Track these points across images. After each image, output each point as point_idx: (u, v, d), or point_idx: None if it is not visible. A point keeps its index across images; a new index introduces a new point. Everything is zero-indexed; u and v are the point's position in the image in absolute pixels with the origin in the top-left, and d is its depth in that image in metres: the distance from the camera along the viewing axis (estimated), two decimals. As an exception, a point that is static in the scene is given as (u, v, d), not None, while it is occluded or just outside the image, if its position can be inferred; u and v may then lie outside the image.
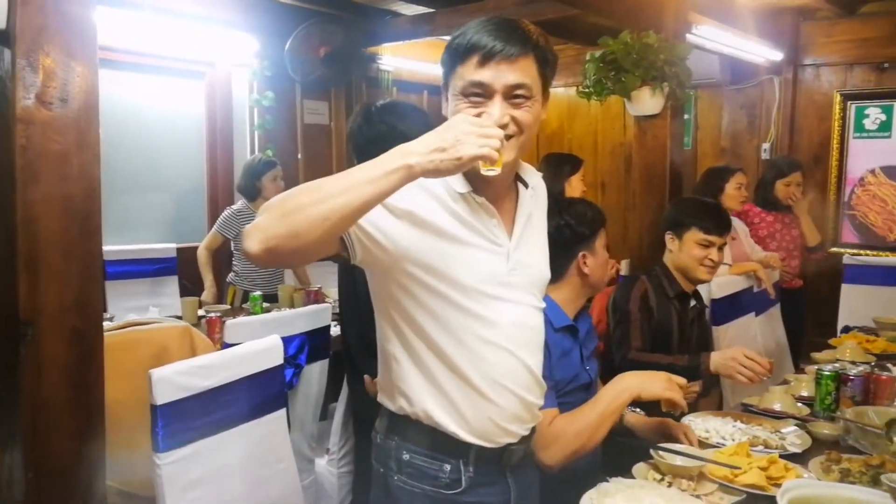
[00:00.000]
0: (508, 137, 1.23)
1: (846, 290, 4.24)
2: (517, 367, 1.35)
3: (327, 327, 2.53)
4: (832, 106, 4.78)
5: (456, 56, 1.25)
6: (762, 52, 4.55)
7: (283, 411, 1.92)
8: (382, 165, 1.08)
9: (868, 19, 4.62)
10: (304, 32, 4.59)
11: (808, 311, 4.14)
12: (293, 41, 4.57)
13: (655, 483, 1.58)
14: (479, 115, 1.22)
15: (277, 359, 1.89)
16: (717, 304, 3.09)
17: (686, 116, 5.24)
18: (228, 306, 3.75)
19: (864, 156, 4.70)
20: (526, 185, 1.41)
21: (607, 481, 1.55)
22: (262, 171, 3.89)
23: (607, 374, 1.94)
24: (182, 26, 3.87)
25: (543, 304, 1.45)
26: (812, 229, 4.04)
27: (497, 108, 1.22)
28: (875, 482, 1.55)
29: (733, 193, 3.73)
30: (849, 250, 4.62)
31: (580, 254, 1.97)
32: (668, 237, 2.48)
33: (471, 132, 1.09)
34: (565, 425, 1.67)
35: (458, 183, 1.29)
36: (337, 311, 2.49)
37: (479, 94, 1.23)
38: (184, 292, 3.95)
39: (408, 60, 5.27)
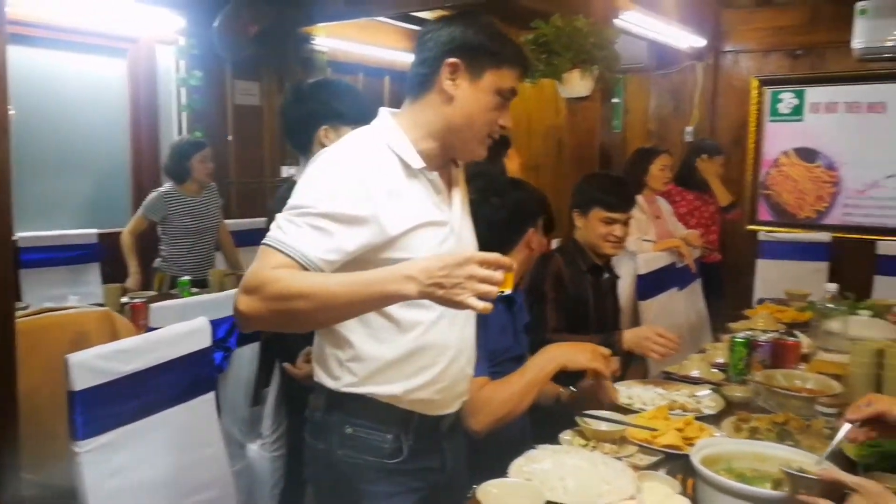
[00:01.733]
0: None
1: (761, 264, 4.49)
2: (464, 341, 1.40)
3: (259, 308, 2.51)
4: (750, 91, 4.99)
5: (512, 58, 1.35)
6: (686, 39, 4.70)
7: (211, 395, 1.89)
8: (373, 288, 1.15)
9: (783, 8, 4.83)
10: (233, 9, 4.47)
11: (727, 285, 4.33)
12: (222, 18, 4.45)
13: (580, 448, 1.65)
14: (497, 116, 1.36)
15: (205, 341, 1.87)
16: (643, 280, 3.22)
17: (616, 100, 5.39)
18: (155, 293, 3.66)
19: (778, 138, 4.93)
20: (456, 164, 1.46)
21: (535, 448, 1.62)
22: (190, 152, 3.80)
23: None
24: (101, 0, 3.72)
25: None
26: (722, 191, 4.24)
27: (509, 115, 1.38)
28: (780, 438, 1.66)
29: (657, 174, 3.87)
30: (764, 227, 4.86)
31: (530, 230, 2.02)
32: (575, 214, 2.54)
33: (473, 277, 1.11)
34: (493, 393, 1.72)
35: (414, 159, 1.34)
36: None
37: (508, 98, 1.36)
38: (106, 280, 3.82)
39: (343, 41, 5.21)
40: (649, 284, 3.26)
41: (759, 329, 2.74)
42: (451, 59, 1.31)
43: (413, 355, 1.36)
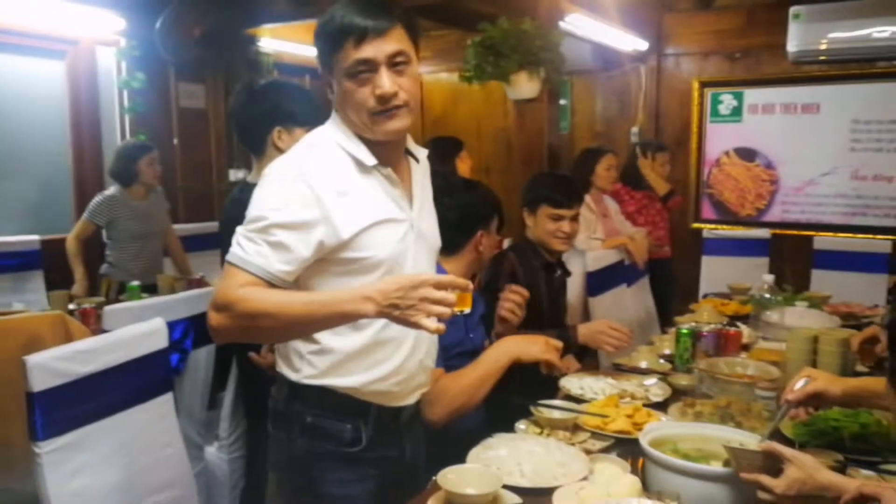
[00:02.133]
0: (399, 107, 1.32)
1: (706, 261, 4.64)
2: (422, 335, 1.43)
3: (213, 310, 2.49)
4: (691, 93, 5.16)
5: (331, 41, 1.31)
6: (629, 42, 4.84)
7: (169, 395, 1.89)
8: (333, 308, 1.23)
9: (722, 13, 5.01)
10: (176, 11, 4.41)
11: (675, 281, 4.47)
12: (164, 19, 4.38)
13: (535, 435, 1.70)
14: (370, 90, 1.30)
15: (161, 342, 1.86)
16: (592, 277, 3.29)
17: (563, 102, 5.50)
18: (103, 299, 3.58)
19: (719, 138, 5.11)
20: (416, 160, 1.49)
21: (492, 437, 1.66)
22: (137, 154, 3.73)
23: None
24: (38, 1, 3.63)
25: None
26: (658, 181, 4.37)
27: (385, 79, 1.30)
28: (723, 420, 1.74)
29: (603, 174, 3.96)
30: (707, 225, 5.04)
31: (479, 233, 2.06)
32: (525, 213, 2.60)
33: (426, 299, 1.17)
34: (449, 384, 1.76)
35: (366, 156, 1.36)
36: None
37: (365, 70, 1.30)
38: (51, 287, 3.72)
39: (289, 43, 5.19)
40: (598, 281, 3.34)
41: (703, 321, 2.84)
42: (320, 68, 1.37)
43: (372, 349, 1.39)
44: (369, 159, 1.37)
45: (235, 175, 4.99)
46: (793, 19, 4.56)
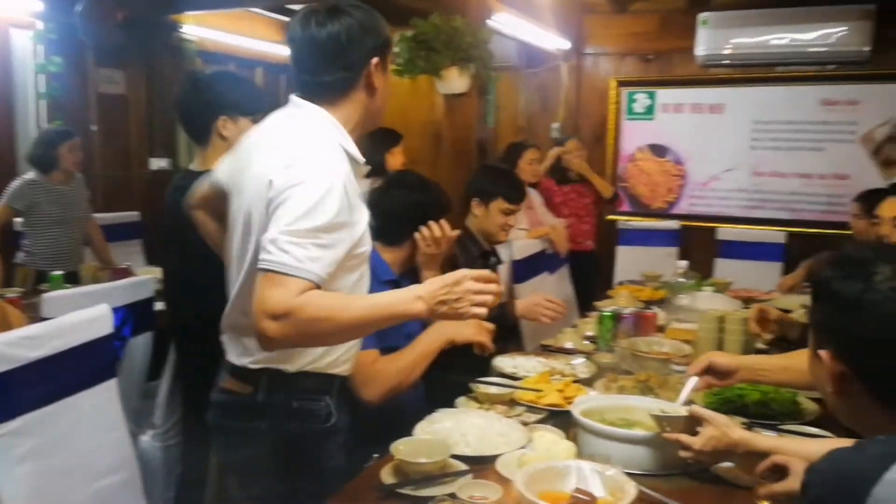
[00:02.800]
0: None
1: (620, 250, 4.92)
2: None
3: (150, 299, 2.50)
4: (609, 91, 5.42)
5: (387, 40, 1.48)
6: (552, 41, 5.04)
7: (114, 381, 1.90)
8: (391, 310, 1.31)
9: (637, 16, 5.29)
10: (98, -6, 4.28)
11: (598, 271, 4.71)
12: (86, 3, 4.25)
13: (476, 409, 1.83)
14: None
15: (107, 328, 1.87)
16: (518, 265, 3.46)
17: (488, 97, 5.66)
18: (20, 290, 3.46)
19: (634, 135, 5.40)
20: None
21: (436, 412, 1.77)
22: (57, 140, 3.63)
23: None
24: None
25: None
26: (603, 184, 4.62)
27: None
28: (643, 392, 1.92)
29: (525, 167, 4.15)
30: (622, 217, 5.32)
31: (423, 229, 2.11)
32: (475, 202, 2.74)
33: (469, 291, 1.29)
34: (385, 365, 1.85)
35: (358, 154, 1.46)
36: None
37: None
38: (-40, 279, 3.56)
39: (214, 31, 5.12)
40: (523, 269, 3.51)
41: (620, 306, 3.05)
42: (376, 60, 1.44)
43: None
44: (361, 158, 1.46)
45: (157, 164, 4.89)
46: (701, 25, 4.88)
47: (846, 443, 1.29)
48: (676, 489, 1.46)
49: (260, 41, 5.50)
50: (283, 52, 5.79)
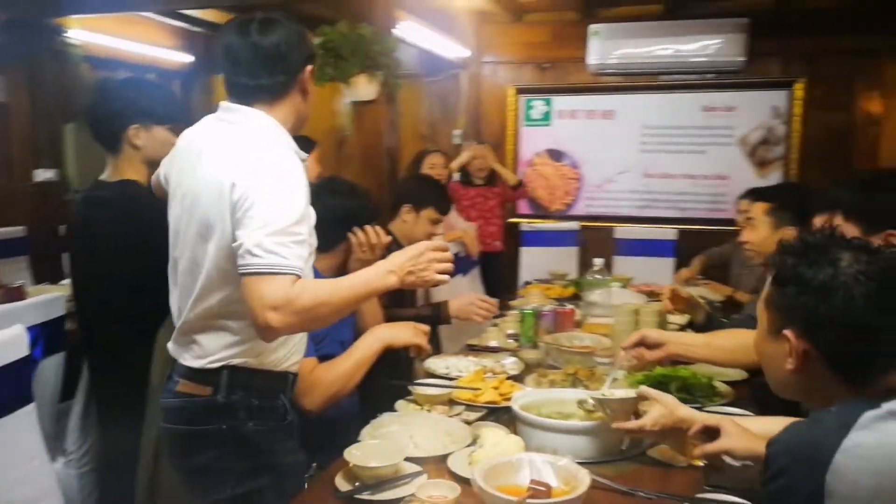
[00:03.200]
0: None
1: (525, 251, 5.08)
2: None
3: (62, 318, 2.36)
4: (507, 98, 5.60)
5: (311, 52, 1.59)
6: (452, 49, 5.14)
7: (32, 406, 1.79)
8: (370, 286, 1.45)
9: (532, 26, 5.49)
10: (-29, -5, 3.98)
11: (507, 271, 4.84)
12: (-42, 4, 3.94)
13: (418, 411, 1.86)
14: None
15: (22, 350, 1.77)
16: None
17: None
18: None
19: (532, 141, 5.60)
20: None
21: (378, 417, 1.79)
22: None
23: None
24: None
25: None
26: (508, 173, 4.77)
27: None
28: (573, 385, 2.02)
29: (428, 172, 4.23)
30: (523, 220, 5.50)
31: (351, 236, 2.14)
32: (406, 209, 2.78)
33: (433, 259, 1.47)
34: (324, 373, 1.85)
35: (300, 152, 1.52)
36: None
37: None
38: None
39: (101, 35, 4.86)
40: (439, 273, 3.58)
41: (534, 304, 3.17)
42: (310, 67, 1.57)
43: None
44: (303, 154, 1.52)
45: (43, 175, 4.58)
46: (592, 36, 5.15)
47: (775, 419, 1.44)
48: (619, 474, 1.56)
49: (152, 46, 5.28)
50: (177, 57, 5.60)
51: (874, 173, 1.90)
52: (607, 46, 5.11)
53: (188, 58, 5.71)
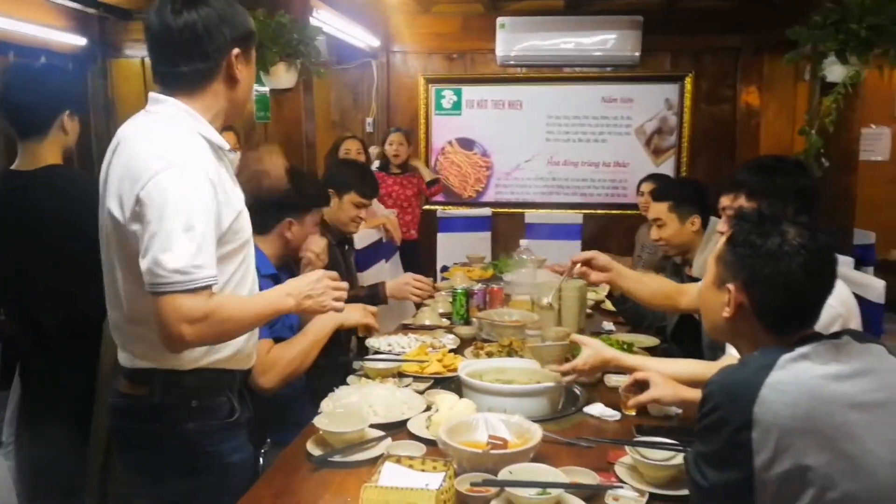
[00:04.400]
0: None
1: (441, 237, 5.24)
2: None
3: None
4: (418, 87, 5.71)
5: (252, 31, 1.50)
6: (363, 38, 5.20)
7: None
8: (272, 306, 1.48)
9: (441, 17, 5.61)
10: None
11: (425, 256, 4.97)
12: None
13: (371, 383, 1.97)
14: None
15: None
16: (360, 254, 3.60)
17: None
18: None
19: (443, 129, 5.75)
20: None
21: (335, 390, 1.89)
22: None
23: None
24: None
25: None
26: (426, 170, 4.94)
27: None
28: (509, 355, 2.18)
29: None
30: (437, 206, 5.65)
31: (287, 221, 2.17)
32: (331, 193, 2.84)
33: (328, 287, 1.53)
34: (281, 353, 1.93)
35: (222, 142, 1.47)
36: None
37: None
38: None
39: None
40: (364, 258, 3.66)
41: (458, 285, 3.32)
42: (237, 51, 1.43)
43: None
44: (225, 144, 1.47)
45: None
46: (499, 28, 5.34)
47: (683, 361, 1.68)
48: (560, 429, 1.74)
49: (42, 27, 5.01)
50: (69, 40, 5.33)
51: (774, 158, 2.15)
52: (514, 39, 5.32)
53: (81, 40, 5.45)
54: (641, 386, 1.65)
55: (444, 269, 4.72)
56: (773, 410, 1.07)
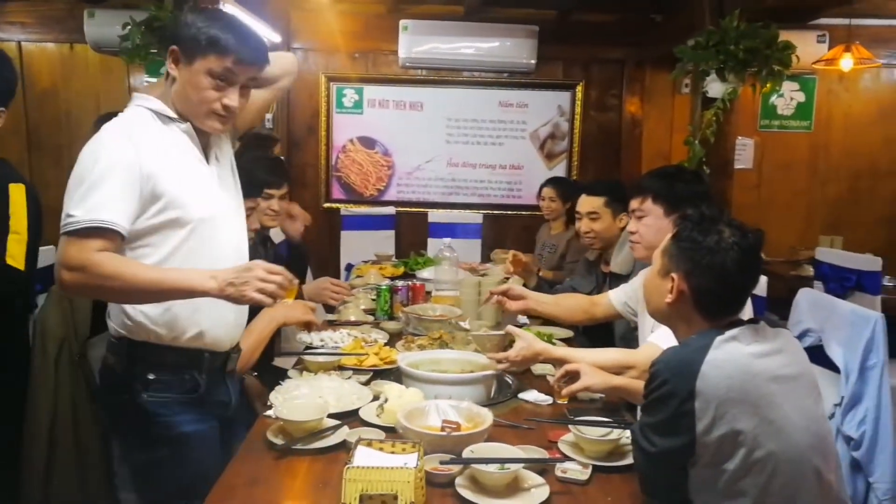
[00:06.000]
0: (230, 117, 1.59)
1: (344, 235, 5.28)
2: None
3: None
4: (319, 85, 5.69)
5: (217, 45, 1.50)
6: (265, 33, 5.11)
7: None
8: (189, 285, 1.45)
9: (343, 16, 5.61)
10: None
11: (326, 256, 4.98)
12: None
13: (313, 376, 2.02)
14: (219, 95, 1.54)
15: None
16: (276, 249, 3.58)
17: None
18: None
19: (344, 128, 5.76)
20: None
21: (282, 383, 1.93)
22: None
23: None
24: None
25: None
26: None
27: (235, 96, 1.56)
28: (441, 347, 2.29)
29: None
30: (337, 205, 5.67)
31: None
32: None
33: (255, 278, 1.45)
34: None
35: (165, 110, 1.57)
36: None
37: (224, 78, 1.52)
38: None
39: None
40: (278, 256, 3.65)
41: (373, 282, 3.40)
42: (173, 48, 1.56)
43: (209, 302, 1.54)
44: (168, 111, 1.56)
45: None
46: (402, 30, 5.44)
47: (603, 350, 1.87)
48: (499, 413, 1.86)
49: None
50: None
51: (676, 167, 2.41)
52: (416, 41, 5.43)
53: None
54: (572, 377, 1.81)
55: (349, 266, 4.77)
56: (712, 383, 1.25)
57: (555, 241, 4.08)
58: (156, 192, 1.49)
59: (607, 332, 2.59)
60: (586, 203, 2.94)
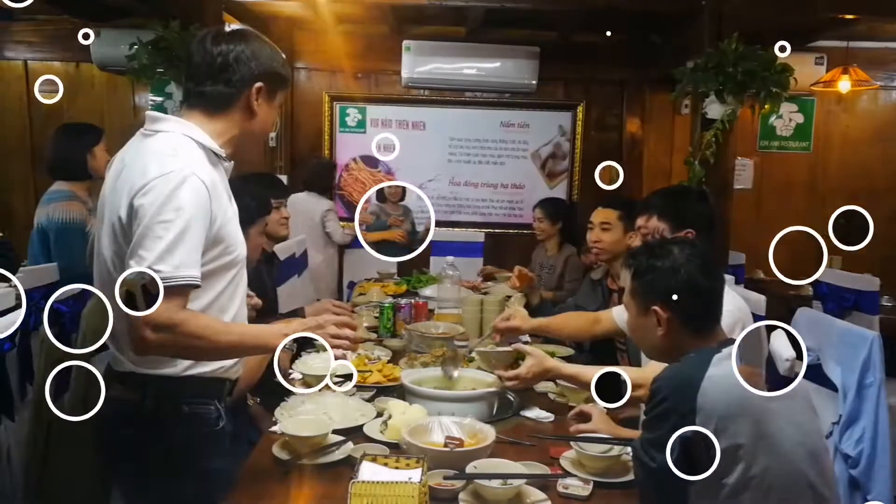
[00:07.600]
0: None
1: (347, 253, 5.31)
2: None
3: None
4: (322, 104, 5.76)
5: (287, 79, 1.62)
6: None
7: None
8: (265, 343, 1.50)
9: (346, 37, 5.69)
10: None
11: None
12: None
13: (325, 392, 2.03)
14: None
15: None
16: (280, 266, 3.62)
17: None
18: None
19: (348, 147, 5.83)
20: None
21: (287, 399, 1.95)
22: None
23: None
24: None
25: None
26: None
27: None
28: (443, 364, 2.31)
29: None
30: (343, 223, 5.69)
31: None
32: None
33: (328, 335, 1.53)
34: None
35: (217, 148, 1.53)
36: None
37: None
38: None
39: None
40: (285, 270, 3.68)
41: (375, 300, 3.43)
42: (259, 84, 1.53)
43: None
44: (221, 151, 1.53)
45: None
46: (405, 51, 5.51)
47: (625, 369, 1.87)
48: (501, 430, 1.88)
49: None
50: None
51: (680, 187, 2.46)
52: (418, 62, 5.50)
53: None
54: (584, 416, 1.84)
55: (352, 284, 4.79)
56: (713, 400, 1.28)
57: (552, 261, 4.11)
58: (218, 236, 1.47)
59: (607, 350, 2.61)
60: (601, 213, 2.96)
